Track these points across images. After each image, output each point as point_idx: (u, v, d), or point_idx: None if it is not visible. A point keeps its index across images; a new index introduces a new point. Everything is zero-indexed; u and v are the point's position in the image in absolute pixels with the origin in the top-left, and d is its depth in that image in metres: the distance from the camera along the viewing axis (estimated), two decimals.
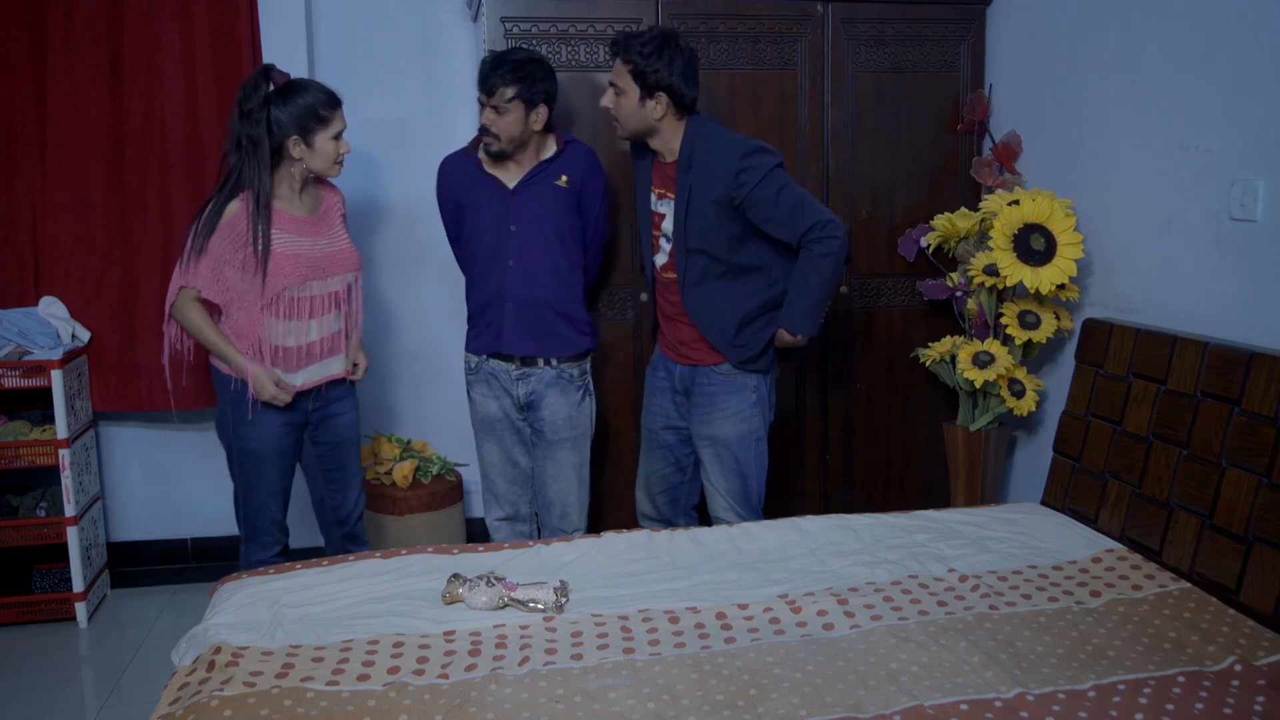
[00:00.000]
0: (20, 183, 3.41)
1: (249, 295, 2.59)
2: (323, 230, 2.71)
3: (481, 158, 2.84)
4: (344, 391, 2.83)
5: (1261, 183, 2.35)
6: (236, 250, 2.57)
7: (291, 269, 2.61)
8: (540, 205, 2.82)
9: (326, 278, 2.69)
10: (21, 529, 3.30)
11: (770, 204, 2.54)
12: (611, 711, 1.73)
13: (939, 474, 3.49)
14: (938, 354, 3.17)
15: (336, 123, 2.61)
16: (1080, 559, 2.37)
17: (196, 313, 2.62)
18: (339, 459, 2.84)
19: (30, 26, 3.36)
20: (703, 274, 2.65)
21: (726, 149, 2.58)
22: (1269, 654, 1.91)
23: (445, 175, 2.92)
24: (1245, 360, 2.22)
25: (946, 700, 1.75)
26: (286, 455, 2.75)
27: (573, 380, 2.91)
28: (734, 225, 2.61)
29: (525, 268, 2.82)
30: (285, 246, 2.60)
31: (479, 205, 2.84)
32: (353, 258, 2.77)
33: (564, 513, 2.97)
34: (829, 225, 2.53)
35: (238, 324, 2.62)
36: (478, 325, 2.92)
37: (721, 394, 2.72)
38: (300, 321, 2.66)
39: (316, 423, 2.79)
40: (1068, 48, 3.04)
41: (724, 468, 2.75)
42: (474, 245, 2.87)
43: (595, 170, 2.92)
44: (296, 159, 2.60)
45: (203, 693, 1.79)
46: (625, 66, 2.58)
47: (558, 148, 2.84)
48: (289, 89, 2.58)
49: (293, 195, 2.66)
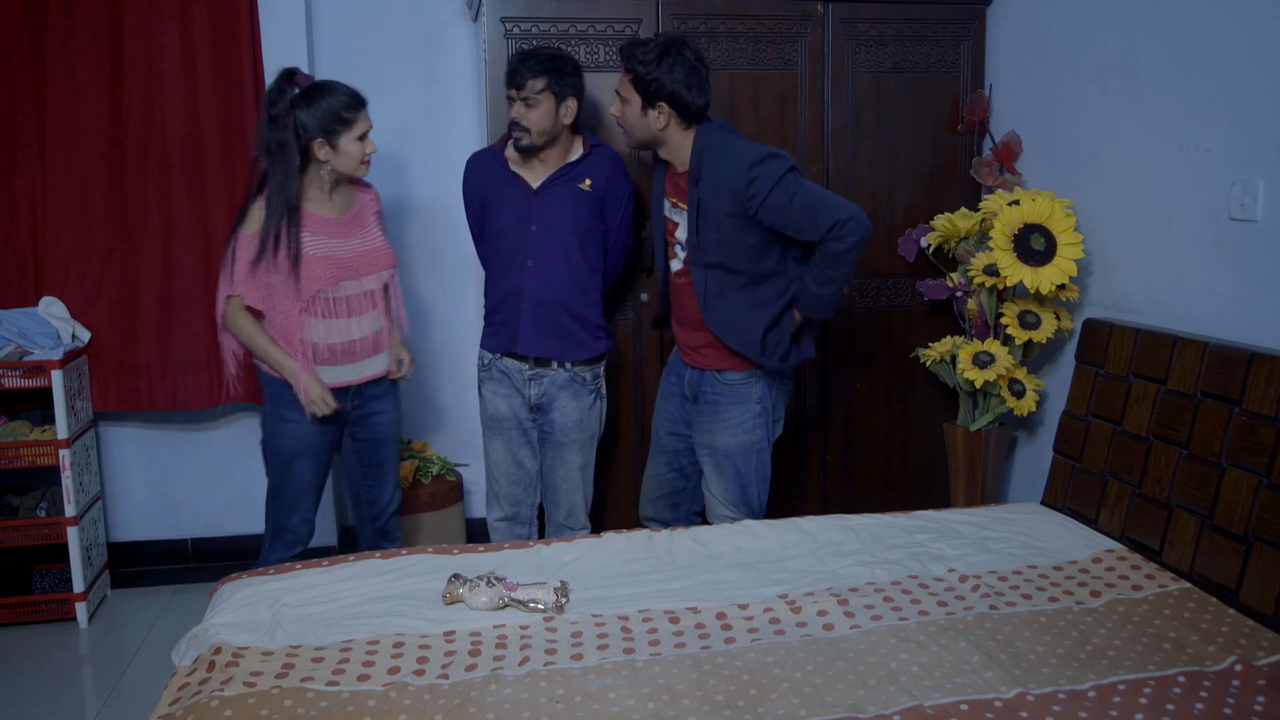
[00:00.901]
0: (20, 183, 3.41)
1: (287, 298, 2.62)
2: (355, 230, 2.72)
3: (509, 156, 2.84)
4: (385, 389, 2.84)
5: (1261, 183, 2.35)
6: (270, 252, 2.59)
7: (323, 270, 2.63)
8: (562, 207, 2.82)
9: (360, 276, 2.70)
10: (22, 529, 3.29)
11: (785, 211, 2.50)
12: (611, 711, 1.73)
13: (939, 474, 3.49)
14: (938, 354, 3.17)
15: (361, 124, 2.63)
16: (1080, 559, 2.37)
17: (247, 321, 2.66)
18: (377, 456, 2.86)
19: (30, 26, 3.36)
20: (722, 287, 2.61)
21: (734, 161, 2.52)
22: (1269, 654, 1.91)
23: (471, 172, 2.93)
24: (1245, 360, 2.22)
25: (946, 700, 1.75)
26: (321, 454, 2.77)
27: (585, 384, 2.91)
28: (752, 235, 2.56)
29: (543, 268, 2.81)
30: (316, 249, 2.63)
31: (501, 203, 2.84)
32: (386, 256, 2.78)
33: (570, 511, 2.97)
34: (850, 223, 2.46)
35: (280, 327, 2.65)
36: (494, 323, 2.92)
37: (724, 404, 2.71)
38: (341, 320, 2.68)
39: (356, 420, 2.81)
40: (1068, 48, 3.04)
41: (723, 478, 2.75)
42: (494, 243, 2.88)
43: (620, 176, 2.91)
44: (323, 161, 2.62)
45: (203, 693, 1.80)
46: (627, 75, 2.56)
47: (584, 151, 2.84)
48: (313, 92, 2.59)
49: (323, 197, 2.68)
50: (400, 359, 2.85)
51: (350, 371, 2.74)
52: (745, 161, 2.50)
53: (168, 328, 3.51)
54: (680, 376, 2.83)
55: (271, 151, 2.58)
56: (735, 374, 2.69)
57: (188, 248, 3.49)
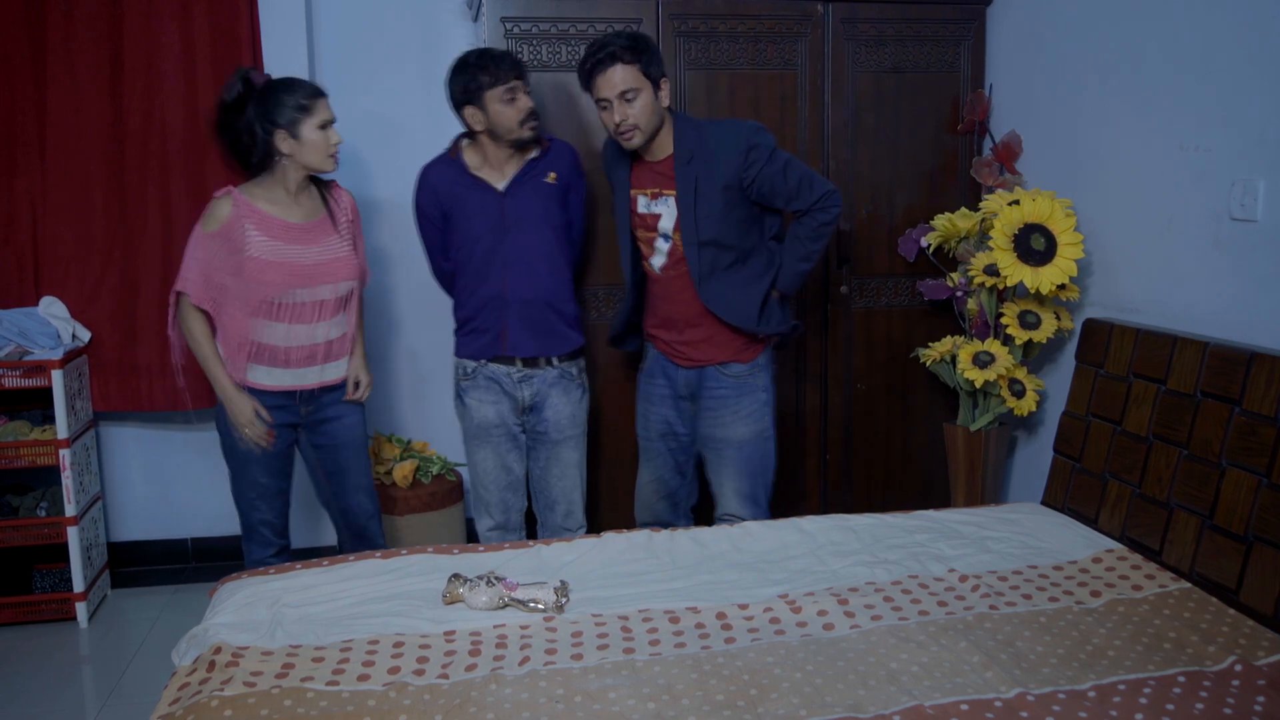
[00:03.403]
0: (20, 183, 3.41)
1: (236, 300, 2.60)
2: (317, 238, 2.66)
3: (467, 160, 2.81)
4: (343, 394, 2.81)
5: (1262, 183, 2.35)
6: (230, 254, 2.57)
7: (274, 276, 2.58)
8: (534, 204, 2.81)
9: (315, 285, 2.64)
10: (22, 529, 3.30)
11: (780, 179, 2.60)
12: (611, 711, 1.73)
13: (939, 474, 3.49)
14: (938, 354, 3.17)
15: (321, 112, 2.58)
16: (1080, 559, 2.37)
17: (198, 326, 2.64)
18: (338, 462, 2.81)
19: (30, 26, 3.36)
20: (713, 265, 2.67)
21: (729, 132, 2.63)
22: (1269, 654, 1.91)
23: (431, 184, 2.85)
24: (1245, 360, 2.22)
25: (946, 700, 1.75)
26: (275, 458, 2.72)
27: (574, 379, 2.92)
28: (742, 208, 2.65)
29: (526, 267, 2.81)
30: (269, 254, 2.58)
31: (469, 211, 2.81)
32: (349, 267, 2.71)
33: (569, 510, 2.97)
34: (835, 195, 2.63)
35: (226, 327, 2.63)
36: (472, 330, 2.88)
37: (733, 397, 2.73)
38: (304, 325, 2.65)
39: (312, 425, 2.77)
40: (1068, 48, 3.04)
41: (737, 469, 2.77)
42: (466, 251, 2.83)
43: (579, 168, 2.94)
44: (287, 154, 2.57)
45: (203, 693, 1.80)
46: (631, 67, 2.55)
47: (542, 146, 2.84)
48: (268, 87, 2.57)
49: (288, 199, 2.63)
50: (359, 379, 2.81)
51: (305, 375, 2.69)
52: (743, 131, 2.62)
53: (167, 327, 3.51)
54: (671, 379, 2.83)
55: (229, 150, 2.57)
56: (739, 365, 2.72)
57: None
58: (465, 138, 2.84)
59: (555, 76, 3.15)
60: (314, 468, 2.84)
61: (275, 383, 2.67)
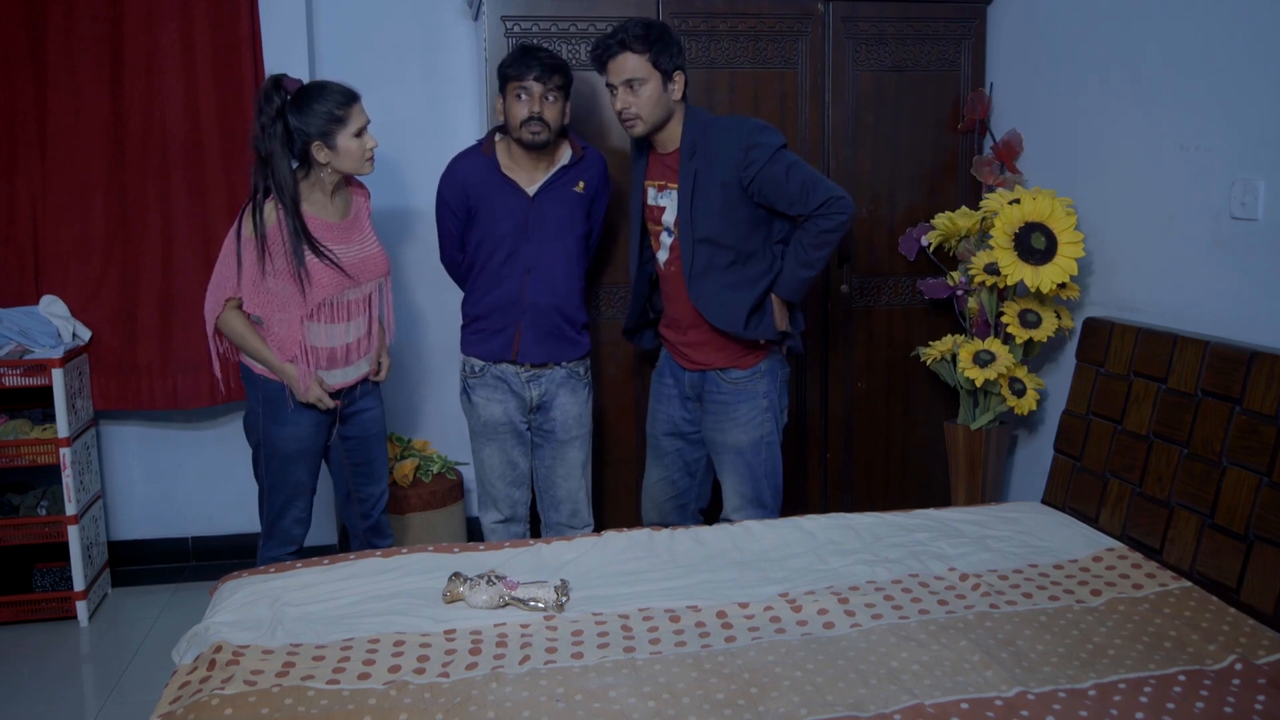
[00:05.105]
0: (21, 182, 3.41)
1: (291, 306, 2.60)
2: (354, 235, 2.70)
3: (501, 159, 2.80)
4: (369, 388, 2.84)
5: (1262, 182, 2.35)
6: (276, 258, 2.57)
7: (331, 280, 2.61)
8: (559, 213, 2.81)
9: (361, 283, 2.70)
10: (22, 527, 3.30)
11: (780, 181, 2.54)
12: (612, 710, 1.73)
13: (939, 473, 3.49)
14: (938, 353, 3.17)
15: (356, 119, 2.57)
16: (1081, 558, 2.37)
17: (241, 323, 2.64)
18: (366, 453, 2.85)
19: (30, 26, 3.36)
20: (708, 264, 2.63)
21: (732, 129, 2.60)
22: (1269, 653, 1.91)
23: (458, 176, 2.84)
24: (1246, 359, 2.22)
25: (947, 699, 1.75)
26: (315, 455, 2.77)
27: (580, 378, 2.93)
28: (742, 209, 2.61)
29: (545, 274, 2.80)
30: (325, 257, 2.61)
31: (496, 213, 2.79)
32: (382, 262, 2.76)
33: (574, 509, 2.97)
34: (840, 201, 2.53)
35: (279, 335, 2.63)
36: (482, 330, 2.88)
37: (733, 402, 2.72)
38: (339, 325, 2.68)
39: (345, 419, 2.80)
40: (1068, 47, 3.04)
41: (739, 474, 2.76)
42: (486, 251, 2.82)
43: (607, 178, 2.94)
44: (324, 163, 2.58)
45: (203, 691, 1.80)
46: (640, 57, 2.54)
47: (576, 154, 2.83)
48: (302, 95, 2.55)
49: (325, 200, 2.65)
50: (380, 362, 2.85)
51: (342, 375, 2.73)
52: (745, 129, 2.59)
53: (168, 327, 3.52)
54: (678, 379, 2.83)
55: (264, 161, 2.54)
56: (739, 372, 2.71)
57: (188, 247, 3.50)
58: (499, 131, 2.83)
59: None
60: (340, 461, 2.85)
61: (329, 383, 2.71)
